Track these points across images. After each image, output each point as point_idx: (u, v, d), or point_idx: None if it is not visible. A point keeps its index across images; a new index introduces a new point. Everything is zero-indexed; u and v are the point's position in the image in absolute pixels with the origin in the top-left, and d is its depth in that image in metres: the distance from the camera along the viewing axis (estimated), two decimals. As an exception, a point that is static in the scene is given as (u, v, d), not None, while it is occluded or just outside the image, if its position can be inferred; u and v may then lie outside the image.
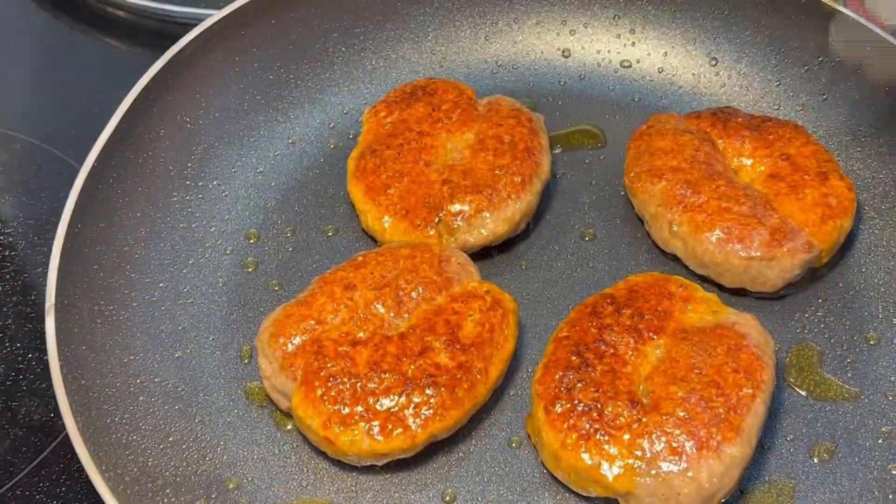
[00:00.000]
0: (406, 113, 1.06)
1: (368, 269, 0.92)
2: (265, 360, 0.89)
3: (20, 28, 1.37)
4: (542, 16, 1.19)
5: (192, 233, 1.03)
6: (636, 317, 0.88)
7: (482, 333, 0.88)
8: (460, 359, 0.86)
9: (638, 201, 1.01)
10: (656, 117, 1.06)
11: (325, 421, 0.84)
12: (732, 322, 0.89)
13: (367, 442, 0.83)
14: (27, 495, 0.92)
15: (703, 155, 1.00)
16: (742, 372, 0.84)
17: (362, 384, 0.85)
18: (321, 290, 0.91)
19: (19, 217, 1.15)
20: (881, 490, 0.86)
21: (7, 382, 1.00)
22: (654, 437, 0.80)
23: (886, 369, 0.93)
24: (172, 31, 1.31)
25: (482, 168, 1.00)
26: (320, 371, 0.86)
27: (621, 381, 0.85)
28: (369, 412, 0.84)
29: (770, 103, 1.12)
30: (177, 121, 1.05)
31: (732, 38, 1.15)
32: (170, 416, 0.90)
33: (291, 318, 0.89)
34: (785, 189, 0.97)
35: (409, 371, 0.86)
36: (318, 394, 0.85)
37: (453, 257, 0.94)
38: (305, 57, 1.14)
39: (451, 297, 0.91)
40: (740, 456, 0.81)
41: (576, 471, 0.82)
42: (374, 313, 0.90)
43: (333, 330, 0.89)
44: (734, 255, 0.94)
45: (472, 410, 0.87)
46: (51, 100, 1.28)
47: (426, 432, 0.84)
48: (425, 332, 0.88)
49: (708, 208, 0.95)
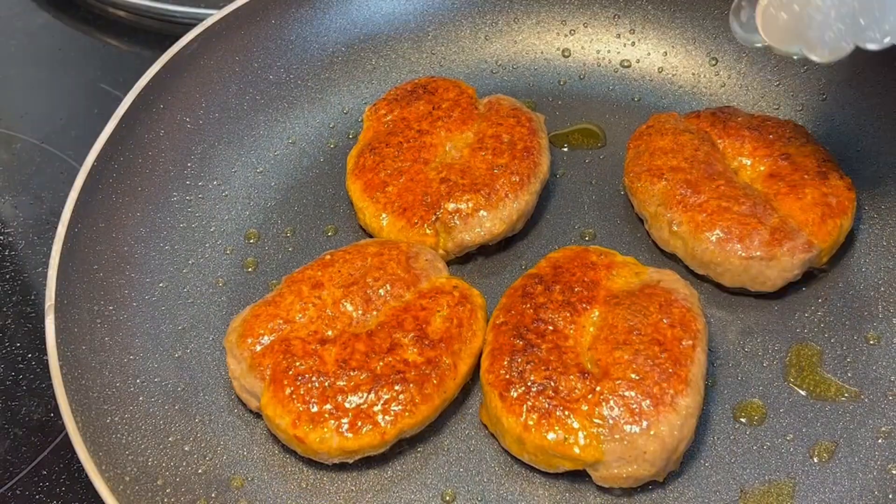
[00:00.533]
0: (406, 111, 1.06)
1: (336, 267, 0.93)
2: (234, 360, 0.89)
3: (20, 28, 1.37)
4: (542, 16, 1.19)
5: (192, 233, 1.03)
6: (567, 291, 0.90)
7: (450, 329, 0.89)
8: (429, 354, 0.87)
9: (638, 201, 1.01)
10: (656, 117, 1.06)
11: (295, 419, 0.84)
12: (657, 280, 0.91)
13: (336, 440, 0.83)
14: (27, 495, 0.92)
15: (702, 155, 1.00)
16: (678, 326, 0.87)
17: (331, 382, 0.85)
18: (289, 289, 0.92)
19: (19, 217, 1.15)
20: (881, 489, 0.86)
21: (7, 382, 1.00)
22: (612, 403, 0.82)
23: (886, 369, 0.93)
24: (172, 31, 1.31)
25: (481, 167, 1.00)
26: (288, 370, 0.86)
27: (567, 355, 0.86)
28: (338, 410, 0.84)
29: (770, 103, 1.12)
30: (177, 121, 1.06)
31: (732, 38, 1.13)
32: (170, 416, 0.90)
33: (259, 318, 0.89)
34: (785, 188, 0.97)
35: (377, 368, 0.86)
36: (286, 392, 0.85)
37: (421, 254, 0.95)
38: (305, 57, 1.14)
39: (419, 294, 0.91)
40: (694, 405, 0.83)
41: (542, 450, 0.83)
42: (342, 311, 0.90)
43: (301, 329, 0.89)
44: (734, 255, 0.94)
45: (441, 406, 0.87)
46: (51, 100, 1.28)
47: (396, 429, 0.84)
48: (393, 328, 0.88)
49: (708, 208, 0.95)
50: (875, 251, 1.01)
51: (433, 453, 0.89)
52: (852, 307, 0.97)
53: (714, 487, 0.87)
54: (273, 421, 0.86)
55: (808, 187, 0.97)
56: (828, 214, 0.95)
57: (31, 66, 1.33)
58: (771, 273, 0.94)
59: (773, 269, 0.94)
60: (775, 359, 0.94)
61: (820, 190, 0.97)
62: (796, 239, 0.94)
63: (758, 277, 0.94)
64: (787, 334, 0.96)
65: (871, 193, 1.04)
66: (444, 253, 0.99)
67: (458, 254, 1.00)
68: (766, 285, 0.95)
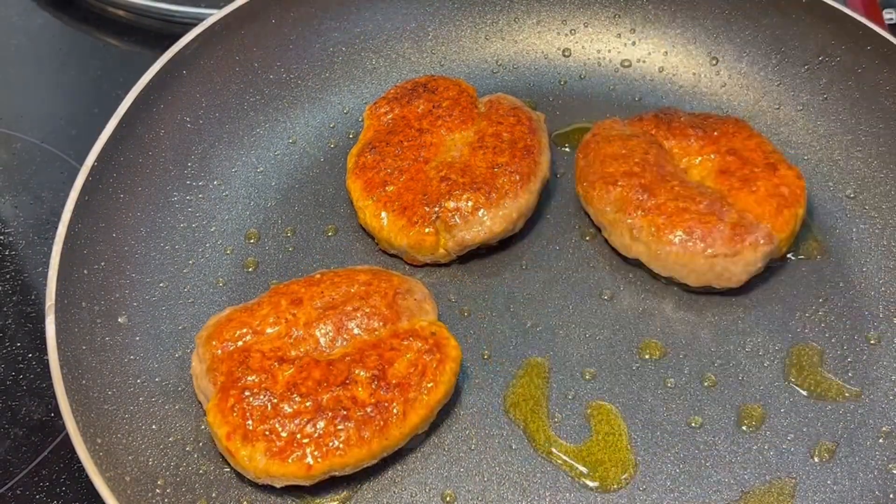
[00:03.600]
0: (406, 109, 1.06)
1: (321, 287, 0.91)
2: (197, 358, 0.89)
3: (20, 28, 1.37)
4: (543, 15, 1.19)
5: (192, 233, 1.03)
6: None
7: (411, 375, 0.86)
8: (380, 397, 0.84)
9: (594, 210, 1.01)
10: (599, 125, 1.06)
11: (230, 432, 0.83)
12: None
13: (262, 461, 0.82)
14: (27, 495, 0.92)
15: (653, 157, 1.00)
16: None
17: (274, 404, 0.84)
18: (269, 299, 0.91)
19: (19, 217, 1.15)
20: (881, 489, 0.86)
21: (7, 382, 1.00)
22: None
23: (887, 369, 0.93)
24: (172, 31, 1.31)
25: (481, 166, 1.00)
26: (238, 381, 0.85)
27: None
28: (272, 433, 0.83)
29: (770, 103, 1.12)
30: (177, 121, 1.05)
31: (733, 38, 1.14)
32: (170, 416, 0.90)
33: (232, 322, 0.89)
34: (737, 183, 0.98)
35: (324, 399, 0.84)
36: (229, 404, 0.84)
37: (413, 292, 0.93)
38: (305, 57, 1.14)
39: (394, 333, 0.89)
40: None
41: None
42: (311, 334, 0.89)
43: (266, 342, 0.88)
44: (699, 255, 0.94)
45: (380, 452, 0.85)
46: (51, 100, 1.29)
47: (324, 465, 0.82)
48: (354, 362, 0.86)
49: (666, 210, 0.95)
50: (875, 251, 1.01)
51: (433, 453, 0.89)
52: (853, 307, 0.97)
53: (714, 487, 0.87)
54: (212, 428, 0.85)
55: (759, 180, 0.97)
56: (783, 205, 0.96)
57: (31, 66, 1.33)
58: (735, 268, 0.94)
59: (737, 265, 0.94)
60: (775, 359, 0.94)
61: (771, 181, 0.97)
62: (757, 232, 0.94)
63: (723, 274, 0.94)
64: (787, 334, 0.96)
65: (871, 194, 1.04)
66: (444, 252, 0.99)
67: (459, 252, 1.00)
68: (731, 281, 0.95)
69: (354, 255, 1.03)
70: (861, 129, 1.07)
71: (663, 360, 0.95)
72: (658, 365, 0.94)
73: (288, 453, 0.82)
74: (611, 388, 0.93)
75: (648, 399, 0.92)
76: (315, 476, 0.83)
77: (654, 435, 0.90)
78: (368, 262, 1.01)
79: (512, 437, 0.90)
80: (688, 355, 0.95)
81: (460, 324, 0.97)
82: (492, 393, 0.93)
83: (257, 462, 0.83)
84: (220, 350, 0.88)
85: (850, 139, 1.07)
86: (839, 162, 1.05)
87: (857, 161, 1.06)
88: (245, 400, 0.84)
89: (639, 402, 0.92)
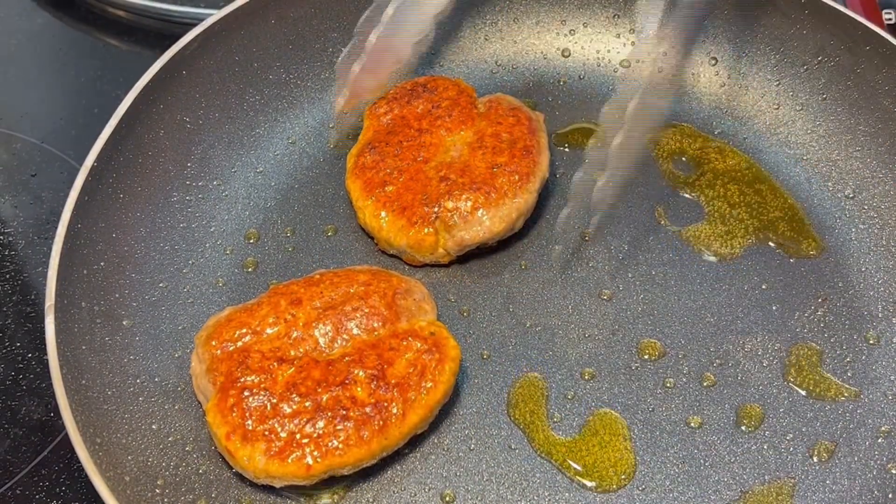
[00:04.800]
0: (406, 110, 1.06)
1: (320, 287, 0.91)
2: (196, 358, 0.89)
3: (20, 28, 1.37)
4: (542, 15, 1.19)
5: (192, 233, 1.03)
6: None
7: (410, 375, 0.86)
8: (379, 397, 0.84)
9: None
10: None
11: (229, 432, 0.83)
12: None
13: (262, 461, 0.82)
14: (27, 495, 0.92)
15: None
16: None
17: (273, 404, 0.84)
18: (269, 299, 0.91)
19: (19, 217, 1.15)
20: (881, 489, 0.86)
21: (7, 382, 1.00)
22: None
23: (886, 369, 0.93)
24: (172, 31, 1.31)
25: (480, 166, 1.00)
26: (238, 381, 0.85)
27: None
28: (272, 433, 0.83)
29: (770, 103, 1.12)
30: (177, 121, 1.05)
31: (732, 38, 1.14)
32: (170, 416, 0.90)
33: (231, 323, 0.89)
34: None
35: (323, 399, 0.84)
36: (229, 404, 0.84)
37: (413, 292, 0.93)
38: (305, 57, 1.14)
39: (393, 333, 0.89)
40: None
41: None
42: (310, 334, 0.88)
43: (266, 342, 0.88)
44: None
45: (380, 452, 0.85)
46: (51, 100, 1.29)
47: (323, 465, 0.82)
48: (354, 362, 0.86)
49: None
50: (874, 251, 1.01)
51: (433, 453, 0.89)
52: (852, 307, 0.97)
53: (713, 487, 0.87)
54: (211, 428, 0.85)
55: None
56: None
57: (31, 66, 1.33)
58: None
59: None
60: (775, 359, 0.94)
61: None
62: None
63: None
64: (787, 334, 0.96)
65: (870, 194, 1.04)
66: (443, 252, 0.99)
67: (458, 252, 1.00)
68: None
69: (354, 256, 1.03)
70: (860, 129, 1.07)
71: (662, 360, 0.95)
72: (657, 365, 0.94)
73: (287, 453, 0.82)
74: (610, 388, 0.93)
75: (647, 399, 0.92)
76: (314, 476, 0.83)
77: (653, 435, 0.90)
78: (368, 263, 1.01)
79: (511, 437, 0.90)
80: (687, 355, 0.95)
81: (459, 324, 0.97)
82: (491, 393, 0.93)
83: (257, 462, 0.83)
84: (219, 350, 0.88)
85: (849, 139, 1.07)
86: (838, 162, 1.05)
87: (856, 161, 1.06)
88: (244, 400, 0.84)
89: (638, 401, 0.92)
